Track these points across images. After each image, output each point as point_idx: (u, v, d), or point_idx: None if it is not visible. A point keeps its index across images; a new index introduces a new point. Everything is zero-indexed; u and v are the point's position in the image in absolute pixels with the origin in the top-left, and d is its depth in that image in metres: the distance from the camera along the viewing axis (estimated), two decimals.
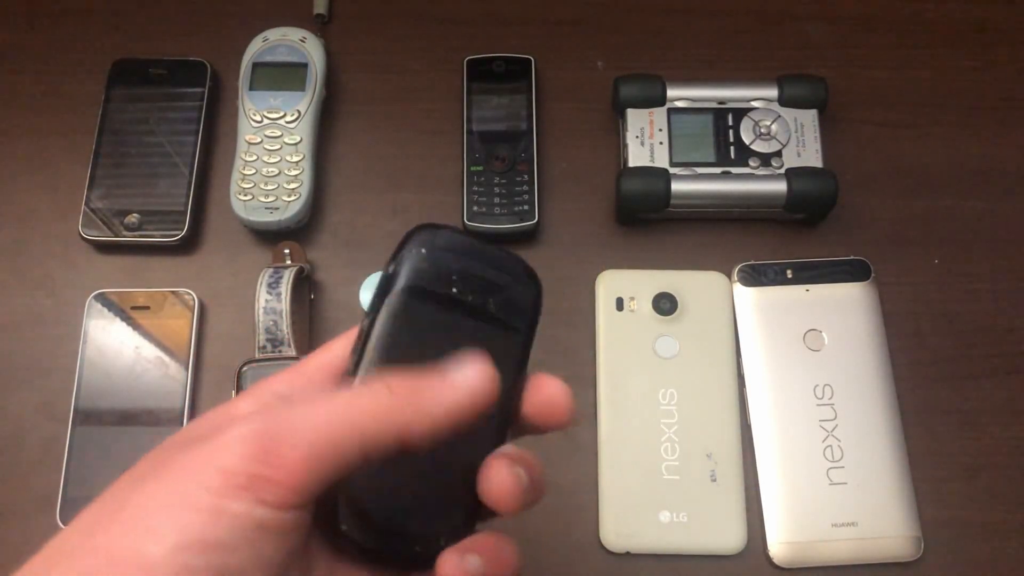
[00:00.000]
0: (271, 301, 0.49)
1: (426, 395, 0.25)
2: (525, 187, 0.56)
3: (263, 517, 0.23)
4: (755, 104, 0.56)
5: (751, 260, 0.55)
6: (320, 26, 0.62)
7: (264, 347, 0.49)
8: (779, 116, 0.56)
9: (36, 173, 0.58)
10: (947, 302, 0.55)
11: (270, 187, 0.55)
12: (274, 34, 0.58)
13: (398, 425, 0.24)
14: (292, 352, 0.49)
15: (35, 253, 0.56)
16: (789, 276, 0.54)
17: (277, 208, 0.54)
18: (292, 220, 0.54)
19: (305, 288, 0.53)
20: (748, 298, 0.54)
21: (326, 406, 0.24)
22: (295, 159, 0.55)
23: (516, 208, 0.55)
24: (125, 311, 0.53)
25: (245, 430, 0.23)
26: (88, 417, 0.51)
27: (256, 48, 0.58)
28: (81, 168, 0.57)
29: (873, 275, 0.54)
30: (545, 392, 0.29)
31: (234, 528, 0.23)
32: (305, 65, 0.57)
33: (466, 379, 0.25)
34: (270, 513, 0.23)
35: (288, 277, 0.50)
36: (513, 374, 0.28)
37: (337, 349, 0.28)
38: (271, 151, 0.55)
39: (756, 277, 0.54)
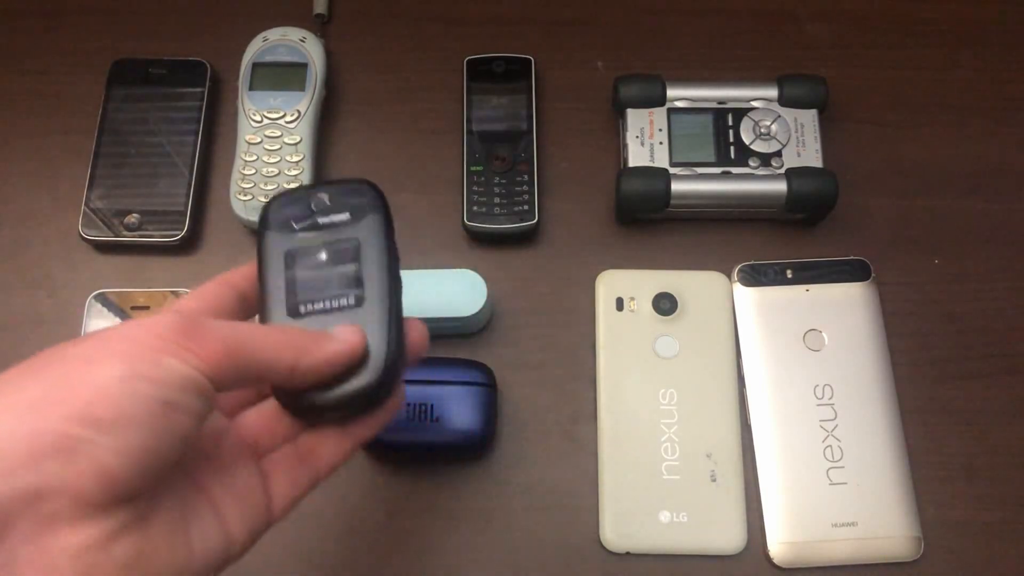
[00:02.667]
0: None
1: (315, 343, 0.32)
2: (525, 187, 0.56)
3: (190, 374, 0.28)
4: (755, 104, 0.56)
5: (751, 260, 0.55)
6: (320, 26, 0.62)
7: None
8: (779, 116, 0.56)
9: (36, 173, 0.58)
10: (947, 302, 0.55)
11: (270, 187, 0.55)
12: (274, 34, 0.58)
13: (291, 357, 0.31)
14: None
15: (35, 253, 0.56)
16: (789, 276, 0.54)
17: None
18: None
19: None
20: (748, 298, 0.54)
21: (244, 326, 0.31)
22: (295, 159, 0.55)
23: (516, 208, 0.55)
24: (125, 311, 0.53)
25: (174, 317, 0.29)
26: None
27: (256, 48, 0.58)
28: (81, 168, 0.57)
29: (873, 275, 0.54)
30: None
31: (170, 374, 0.27)
32: (305, 65, 0.57)
33: (343, 338, 0.33)
34: (197, 374, 0.28)
35: None
36: (385, 259, 0.36)
37: (191, 303, 0.34)
38: (271, 151, 0.55)
39: (756, 277, 0.54)
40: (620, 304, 0.54)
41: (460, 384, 0.49)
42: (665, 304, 0.53)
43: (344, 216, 0.37)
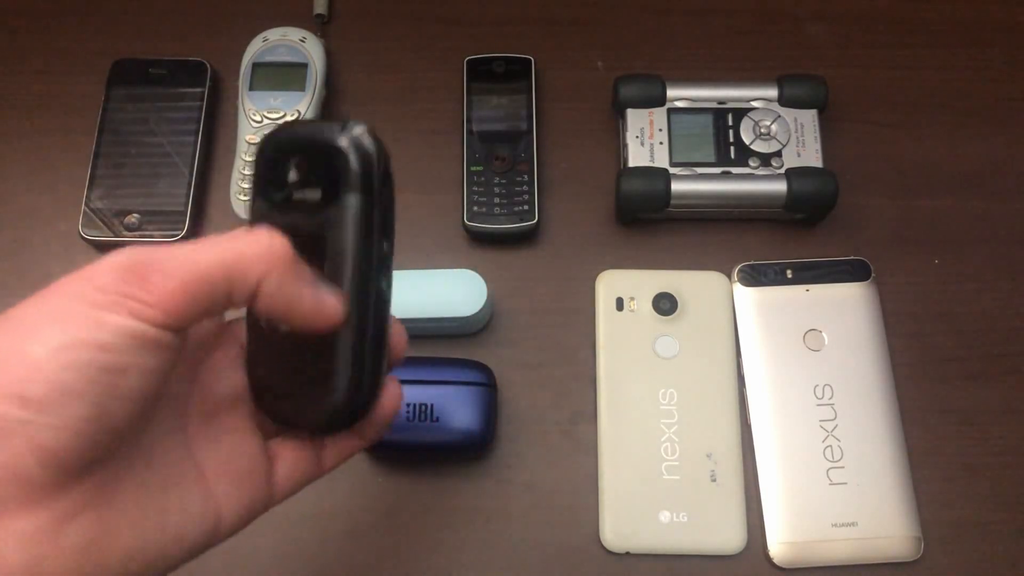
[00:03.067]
0: None
1: (284, 256, 0.27)
2: (525, 187, 0.56)
3: (138, 329, 0.25)
4: (755, 104, 0.56)
5: (751, 260, 0.55)
6: (320, 26, 0.62)
7: None
8: (779, 116, 0.56)
9: (36, 173, 0.58)
10: (947, 302, 0.55)
11: None
12: (274, 34, 0.58)
13: (260, 272, 0.26)
14: None
15: (35, 253, 0.56)
16: (789, 276, 0.54)
17: None
18: None
19: None
20: (748, 298, 0.54)
21: (203, 244, 0.26)
22: None
23: (516, 208, 0.55)
24: None
25: (117, 258, 0.26)
26: None
27: (256, 48, 0.58)
28: (81, 168, 0.57)
29: (873, 275, 0.54)
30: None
31: (114, 334, 0.24)
32: (305, 65, 0.58)
33: (324, 309, 0.28)
34: (145, 327, 0.25)
35: None
36: (355, 260, 0.29)
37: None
38: None
39: (756, 277, 0.54)
40: (620, 304, 0.54)
41: (460, 384, 0.49)
42: (665, 304, 0.53)
43: (315, 194, 0.29)
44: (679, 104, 0.56)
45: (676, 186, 0.54)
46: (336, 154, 0.29)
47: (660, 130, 0.55)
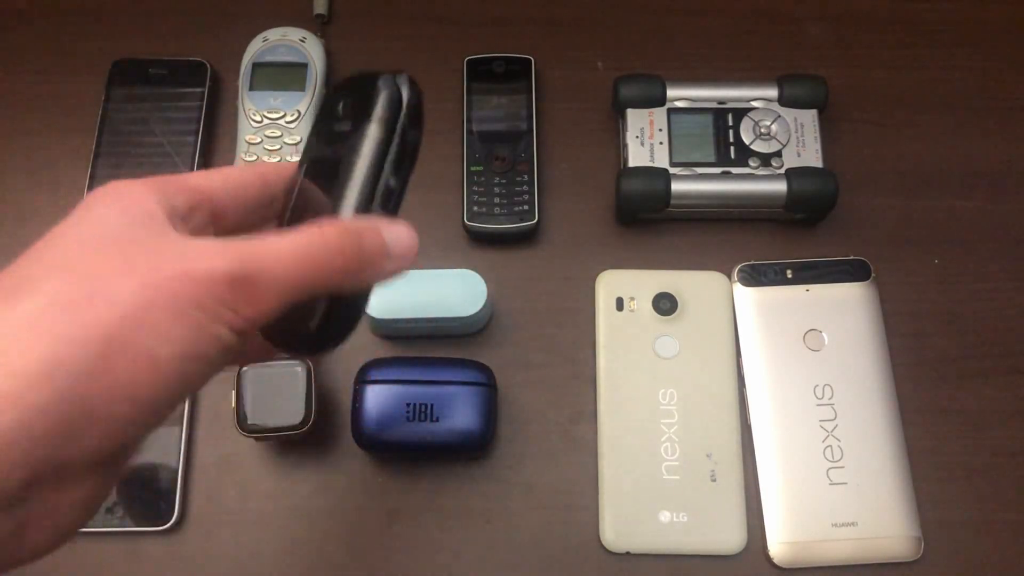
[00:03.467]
0: None
1: (378, 262, 0.29)
2: (525, 187, 0.56)
3: (232, 342, 0.26)
4: (755, 104, 0.56)
5: (751, 260, 0.55)
6: (320, 26, 0.62)
7: None
8: (779, 116, 0.56)
9: (36, 173, 0.58)
10: (947, 302, 0.55)
11: None
12: (274, 34, 0.58)
13: (345, 280, 0.28)
14: None
15: None
16: (789, 276, 0.54)
17: None
18: None
19: None
20: (748, 298, 0.54)
21: (298, 259, 0.27)
22: (296, 159, 0.55)
23: (516, 208, 0.55)
24: None
25: (228, 265, 0.25)
26: None
27: (256, 48, 0.58)
28: (81, 168, 0.57)
29: (873, 275, 0.54)
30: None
31: (216, 347, 0.25)
32: (305, 65, 0.58)
33: (402, 252, 0.30)
34: (236, 340, 0.26)
35: None
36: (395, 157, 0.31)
37: (216, 182, 0.30)
38: (271, 151, 0.55)
39: (756, 277, 0.54)
40: (620, 304, 0.54)
41: (460, 384, 0.49)
42: (665, 304, 0.53)
43: (347, 125, 0.31)
44: (679, 104, 0.56)
45: (676, 186, 0.54)
46: (371, 89, 0.31)
47: (660, 130, 0.55)
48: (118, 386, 0.23)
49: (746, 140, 0.55)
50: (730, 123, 0.56)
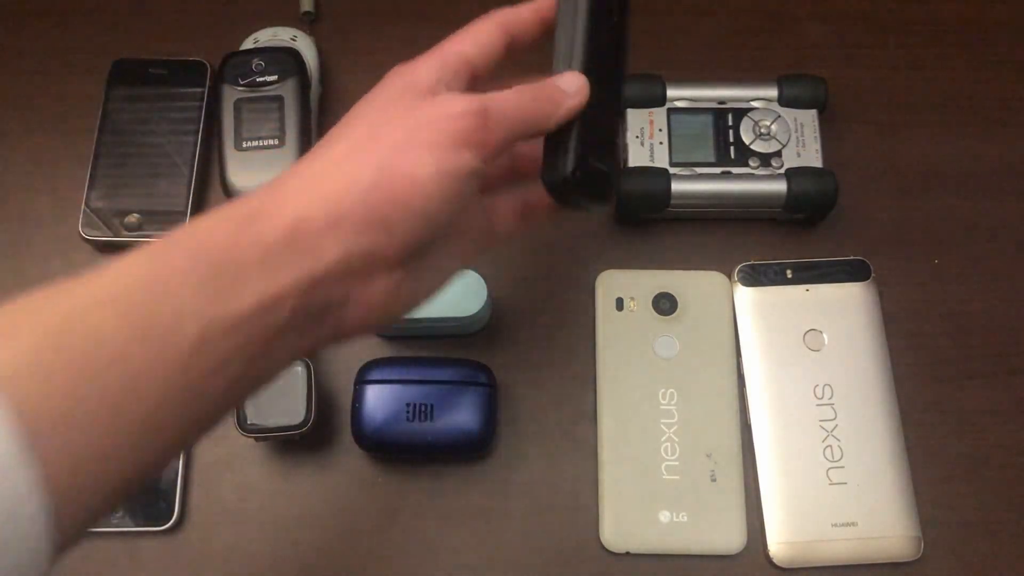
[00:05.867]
0: None
1: (560, 99, 0.36)
2: None
3: (478, 168, 0.33)
4: (755, 104, 0.56)
5: (751, 260, 0.55)
6: (308, 24, 0.61)
7: None
8: (779, 116, 0.56)
9: (36, 173, 0.58)
10: (947, 302, 0.55)
11: None
12: (264, 35, 0.58)
13: (547, 116, 0.36)
14: None
15: (35, 253, 0.56)
16: (789, 276, 0.54)
17: None
18: None
19: None
20: (748, 298, 0.54)
21: (514, 101, 0.35)
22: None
23: None
24: None
25: (470, 105, 0.34)
26: None
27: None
28: (81, 168, 0.57)
29: (873, 275, 0.54)
30: None
31: (467, 166, 0.33)
32: None
33: (576, 89, 0.37)
34: (482, 165, 0.34)
35: None
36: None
37: (467, 47, 0.38)
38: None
39: (756, 277, 0.54)
40: (620, 304, 0.54)
41: (460, 384, 0.49)
42: (665, 304, 0.53)
43: None
44: (679, 104, 0.56)
45: (676, 186, 0.54)
46: None
47: (660, 130, 0.55)
48: (392, 198, 0.32)
49: (746, 140, 0.55)
50: (730, 123, 0.56)
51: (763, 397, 0.52)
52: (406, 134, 0.33)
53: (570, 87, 0.37)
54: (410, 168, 0.32)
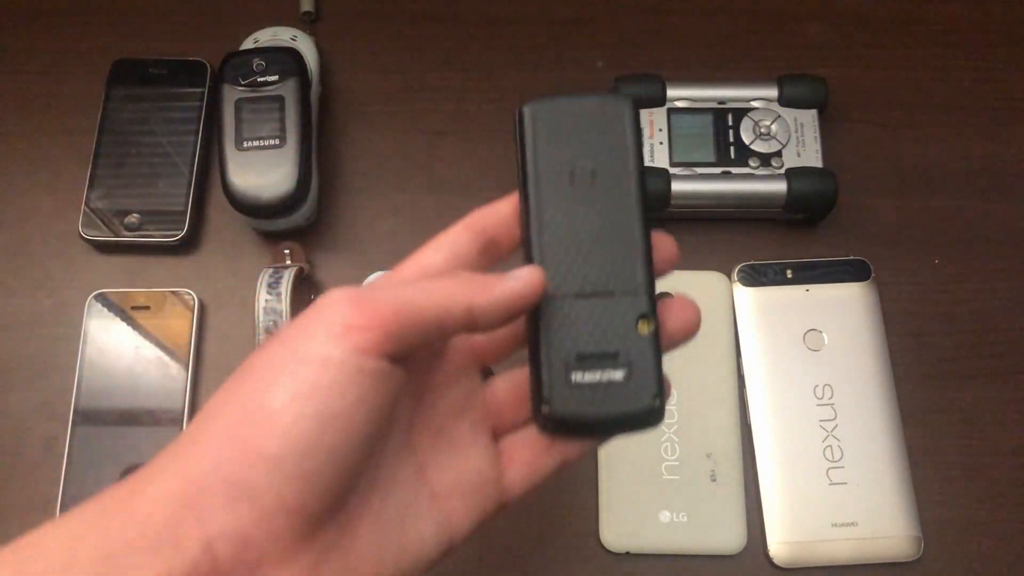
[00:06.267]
0: (271, 301, 0.49)
1: (490, 283, 0.29)
2: None
3: (361, 364, 0.26)
4: (755, 104, 0.56)
5: (751, 260, 0.55)
6: (308, 24, 0.62)
7: None
8: (779, 116, 0.56)
9: (36, 173, 0.58)
10: (947, 302, 0.55)
11: None
12: (264, 35, 0.58)
13: (466, 300, 0.28)
14: None
15: (35, 253, 0.56)
16: (789, 276, 0.54)
17: None
18: (302, 218, 0.54)
19: (305, 288, 0.53)
20: (748, 298, 0.54)
21: (410, 284, 0.29)
22: None
23: None
24: (125, 311, 0.53)
25: (341, 293, 0.27)
26: (88, 417, 0.51)
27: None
28: (81, 168, 0.57)
29: (873, 275, 0.54)
30: (677, 308, 0.33)
31: (338, 375, 0.25)
32: None
33: (520, 275, 0.29)
34: (367, 360, 0.26)
35: (288, 277, 0.50)
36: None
37: (428, 254, 0.31)
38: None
39: (756, 277, 0.54)
40: None
41: None
42: None
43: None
44: (679, 104, 0.56)
45: (676, 186, 0.54)
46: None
47: (660, 130, 0.55)
48: (246, 449, 0.25)
49: (746, 140, 0.55)
50: (730, 123, 0.56)
51: (763, 397, 0.52)
52: (264, 369, 0.26)
53: (517, 272, 0.30)
54: (260, 403, 0.25)
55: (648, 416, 0.29)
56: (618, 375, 0.29)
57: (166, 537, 0.24)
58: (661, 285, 0.33)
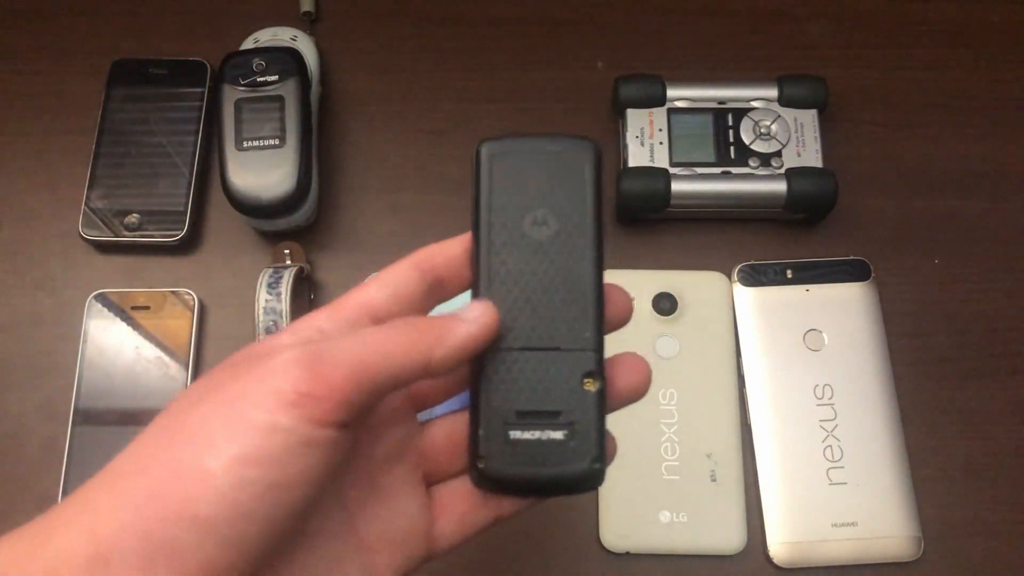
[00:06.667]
0: (271, 301, 0.49)
1: (445, 329, 0.27)
2: None
3: (311, 434, 0.25)
4: (755, 104, 0.56)
5: (751, 260, 0.55)
6: (308, 24, 0.62)
7: None
8: (779, 116, 0.56)
9: (36, 173, 0.58)
10: (947, 302, 0.55)
11: None
12: (264, 35, 0.58)
13: (422, 353, 0.27)
14: None
15: (35, 253, 0.56)
16: (789, 276, 0.54)
17: None
18: (302, 218, 0.54)
19: (305, 288, 0.53)
20: (748, 298, 0.54)
21: (363, 338, 0.27)
22: None
23: None
24: (125, 311, 0.53)
25: (292, 354, 0.25)
26: (88, 417, 0.51)
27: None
28: (81, 168, 0.57)
29: (873, 275, 0.54)
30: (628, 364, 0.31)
31: (286, 443, 0.24)
32: None
33: (474, 316, 0.28)
34: (317, 430, 0.25)
35: (288, 277, 0.50)
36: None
37: (372, 291, 0.29)
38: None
39: (756, 277, 0.54)
40: None
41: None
42: (665, 304, 0.53)
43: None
44: (679, 104, 0.56)
45: (676, 186, 0.54)
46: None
47: (660, 130, 0.55)
48: (173, 511, 0.24)
49: (746, 140, 0.55)
50: (730, 123, 0.56)
51: (763, 397, 0.52)
52: (199, 426, 0.25)
53: (469, 313, 0.28)
54: (196, 465, 0.24)
55: (586, 479, 0.29)
56: (558, 435, 0.29)
57: None
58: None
